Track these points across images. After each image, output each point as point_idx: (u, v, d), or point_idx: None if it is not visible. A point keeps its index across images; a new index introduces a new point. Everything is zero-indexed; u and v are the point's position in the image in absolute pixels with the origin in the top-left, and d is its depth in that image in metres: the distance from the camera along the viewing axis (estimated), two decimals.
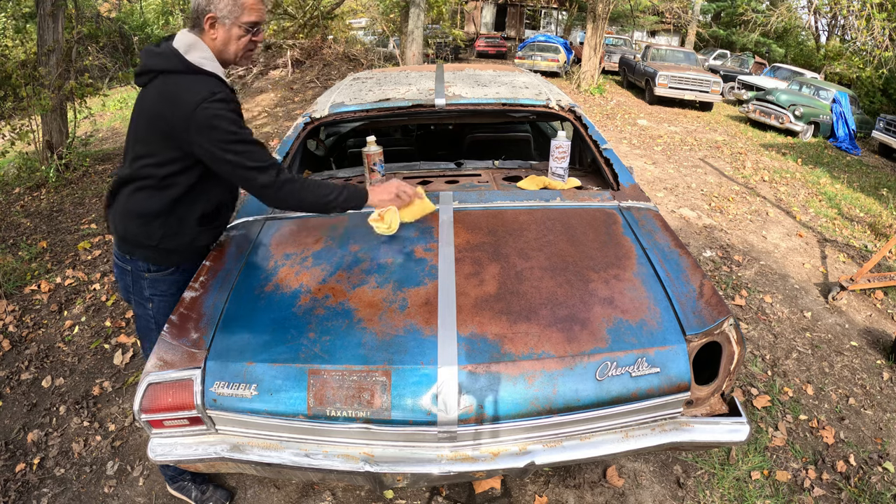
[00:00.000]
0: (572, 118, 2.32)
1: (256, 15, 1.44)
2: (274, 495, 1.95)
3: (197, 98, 1.32)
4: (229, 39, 1.42)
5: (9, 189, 5.22)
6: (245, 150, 1.37)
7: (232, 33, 1.42)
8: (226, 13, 1.39)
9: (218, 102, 1.34)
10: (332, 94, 2.49)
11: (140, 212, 1.45)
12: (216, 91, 1.35)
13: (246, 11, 1.41)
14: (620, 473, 2.06)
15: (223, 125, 1.34)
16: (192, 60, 1.38)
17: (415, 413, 1.25)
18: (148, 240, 1.47)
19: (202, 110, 1.31)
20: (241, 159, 1.37)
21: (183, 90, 1.34)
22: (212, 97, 1.33)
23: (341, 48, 12.10)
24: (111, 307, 3.10)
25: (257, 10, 1.44)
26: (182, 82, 1.35)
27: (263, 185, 1.41)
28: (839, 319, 3.37)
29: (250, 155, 1.38)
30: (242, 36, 1.43)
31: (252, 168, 1.38)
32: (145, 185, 1.43)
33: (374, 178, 2.00)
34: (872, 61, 10.15)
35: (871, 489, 2.11)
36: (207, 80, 1.38)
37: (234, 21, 1.40)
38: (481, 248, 1.61)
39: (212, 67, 1.40)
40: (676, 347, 1.33)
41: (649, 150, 7.29)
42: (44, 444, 2.19)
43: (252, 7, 1.42)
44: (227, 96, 1.38)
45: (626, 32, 21.17)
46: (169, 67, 1.37)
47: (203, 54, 1.40)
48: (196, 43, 1.40)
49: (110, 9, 16.65)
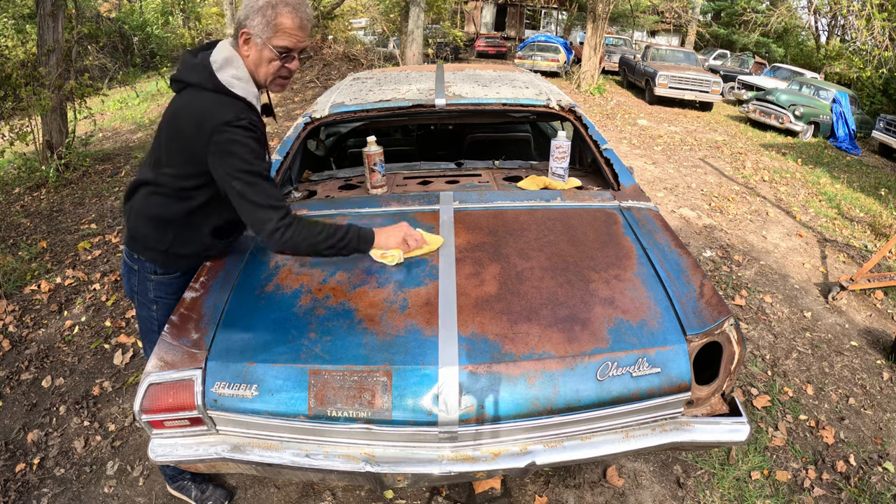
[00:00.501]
0: (572, 118, 2.32)
1: (290, 41, 1.33)
2: (274, 495, 1.95)
3: (219, 121, 1.28)
4: (260, 61, 1.35)
5: (9, 189, 5.21)
6: (254, 183, 1.31)
7: (263, 55, 1.34)
8: (258, 31, 1.31)
9: (238, 128, 1.29)
10: (332, 94, 2.49)
11: (154, 216, 1.44)
12: (241, 116, 1.30)
13: (279, 34, 1.32)
14: (620, 473, 2.06)
15: (239, 151, 1.29)
16: (222, 79, 1.32)
17: (416, 413, 1.25)
18: (158, 244, 1.47)
19: (221, 133, 1.28)
20: (248, 190, 1.31)
21: (207, 110, 1.30)
22: (235, 121, 1.29)
23: (341, 48, 12.10)
24: (111, 307, 3.10)
25: (292, 35, 1.33)
26: (208, 101, 1.31)
27: (265, 223, 1.33)
28: (839, 319, 3.37)
29: (259, 189, 1.32)
30: (273, 60, 1.34)
31: (257, 203, 1.32)
32: (163, 192, 1.42)
33: (374, 179, 2.00)
34: (872, 61, 10.15)
35: (871, 489, 2.12)
36: (234, 103, 1.32)
37: (265, 42, 1.32)
38: (482, 248, 1.61)
39: (242, 89, 1.34)
40: (677, 347, 1.33)
41: (649, 150, 7.29)
42: (44, 444, 2.19)
43: (286, 31, 1.32)
44: (250, 123, 1.32)
45: (626, 32, 21.18)
46: (199, 82, 1.33)
47: (236, 72, 1.34)
48: (232, 58, 1.34)
49: (110, 9, 16.64)
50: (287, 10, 1.30)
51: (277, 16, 1.29)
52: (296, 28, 1.33)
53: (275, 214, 1.33)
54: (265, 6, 1.29)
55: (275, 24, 1.30)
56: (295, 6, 1.31)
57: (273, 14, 1.29)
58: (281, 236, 1.34)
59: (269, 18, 1.30)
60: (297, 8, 1.32)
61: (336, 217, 1.81)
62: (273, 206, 1.33)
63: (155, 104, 10.17)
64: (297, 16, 1.32)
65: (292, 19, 1.31)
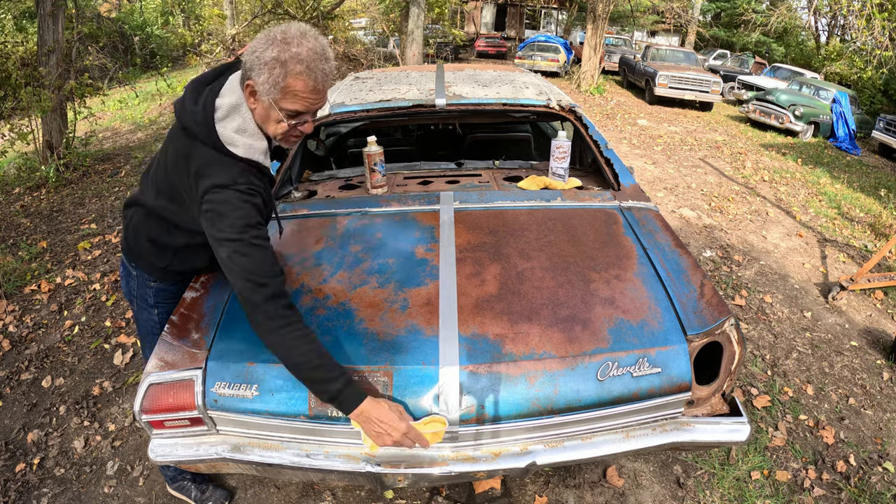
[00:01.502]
0: (573, 118, 2.32)
1: (303, 104, 1.13)
2: (274, 495, 1.95)
3: (213, 183, 1.14)
4: (267, 119, 1.17)
5: (9, 189, 5.21)
6: (241, 252, 1.12)
7: (270, 114, 1.16)
8: (264, 90, 1.11)
9: (234, 191, 1.14)
10: (333, 94, 2.49)
11: (153, 239, 1.39)
12: (238, 181, 1.15)
13: (288, 97, 1.11)
14: (620, 473, 2.06)
15: (230, 216, 1.13)
16: (223, 136, 1.15)
17: (416, 413, 1.25)
18: (157, 261, 1.44)
19: (213, 194, 1.14)
20: (233, 260, 1.12)
21: (203, 167, 1.16)
22: (231, 185, 1.14)
23: (341, 48, 12.10)
24: (111, 307, 3.10)
25: (304, 98, 1.12)
26: (206, 158, 1.16)
27: (248, 301, 1.13)
28: (839, 319, 3.37)
29: (247, 260, 1.12)
30: (281, 121, 1.16)
31: (242, 277, 1.12)
32: (162, 220, 1.34)
33: (374, 179, 2.00)
34: (873, 61, 10.15)
35: (871, 489, 2.11)
36: (233, 164, 1.16)
37: (272, 101, 1.13)
38: (482, 248, 1.61)
39: (245, 148, 1.17)
40: (677, 347, 1.33)
41: (649, 150, 7.29)
42: (44, 444, 2.19)
43: (297, 94, 1.11)
44: (248, 188, 1.16)
45: (626, 32, 21.19)
46: (196, 134, 1.16)
47: (241, 124, 1.17)
48: (239, 106, 1.17)
49: (110, 9, 16.64)
50: (299, 69, 1.08)
51: (287, 76, 1.08)
52: (308, 91, 1.11)
53: (260, 293, 1.12)
54: (273, 63, 1.08)
55: (283, 85, 1.10)
56: (309, 65, 1.09)
57: (282, 74, 1.08)
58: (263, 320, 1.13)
59: (277, 78, 1.09)
60: (311, 67, 1.09)
61: (336, 217, 1.82)
62: (260, 283, 1.12)
63: (155, 104, 10.17)
64: (310, 77, 1.10)
65: (304, 81, 1.10)
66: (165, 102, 9.71)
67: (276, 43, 1.08)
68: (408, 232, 1.71)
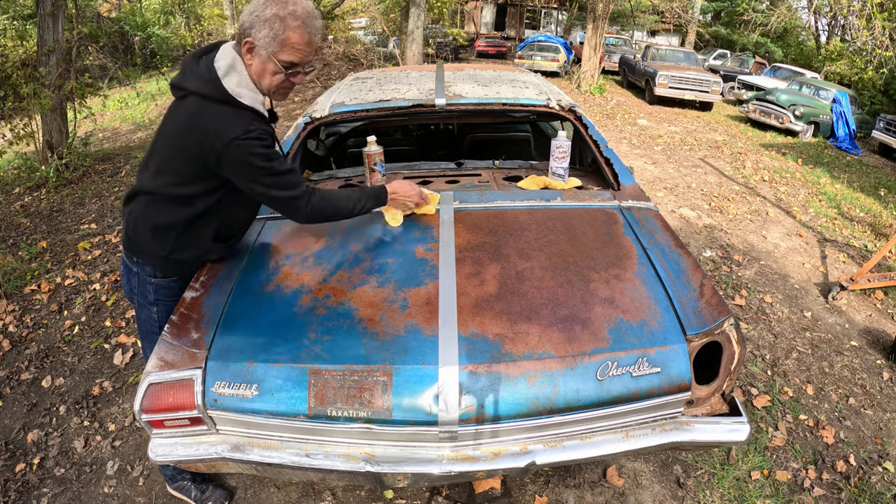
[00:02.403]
0: (572, 118, 2.32)
1: (297, 55, 1.29)
2: (274, 495, 1.95)
3: (230, 135, 1.26)
4: (263, 72, 1.31)
5: (9, 189, 5.22)
6: (275, 182, 1.36)
7: (267, 67, 1.30)
8: (263, 44, 1.27)
9: (250, 140, 1.28)
10: (333, 94, 2.49)
11: (156, 224, 1.42)
12: (250, 129, 1.28)
13: (286, 49, 1.27)
14: (620, 473, 2.06)
15: (255, 161, 1.30)
16: (229, 89, 1.28)
17: (416, 413, 1.25)
18: (159, 250, 1.46)
19: (234, 147, 1.27)
20: (271, 191, 1.37)
21: (216, 122, 1.27)
22: (245, 135, 1.27)
23: (341, 48, 12.11)
24: (111, 307, 3.10)
25: (299, 50, 1.29)
26: (216, 113, 1.28)
27: (295, 209, 1.43)
28: (839, 319, 3.37)
29: (282, 184, 1.37)
30: (277, 73, 1.31)
31: (282, 198, 1.40)
32: (164, 200, 1.40)
33: (374, 179, 2.00)
34: (873, 61, 10.15)
35: (871, 489, 2.11)
36: (243, 114, 1.30)
37: (270, 55, 1.28)
38: (482, 248, 1.61)
39: (249, 98, 1.31)
40: (677, 347, 1.33)
41: (649, 150, 7.29)
42: (44, 444, 2.19)
43: (294, 45, 1.28)
44: (260, 133, 1.31)
45: (626, 32, 21.20)
46: (203, 91, 1.28)
47: (241, 79, 1.31)
48: (236, 64, 1.31)
49: (110, 9, 16.64)
50: (296, 24, 1.25)
51: (286, 30, 1.25)
52: (304, 44, 1.28)
53: (300, 200, 1.41)
54: (273, 18, 1.24)
55: (282, 38, 1.25)
56: (305, 20, 1.26)
57: (281, 28, 1.24)
58: (310, 212, 1.45)
59: (277, 32, 1.25)
60: (306, 22, 1.26)
61: None
62: (295, 195, 1.40)
63: (155, 104, 10.17)
64: (306, 31, 1.27)
65: (301, 35, 1.27)
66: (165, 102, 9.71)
67: (275, 1, 1.25)
68: (408, 232, 1.71)
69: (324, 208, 1.48)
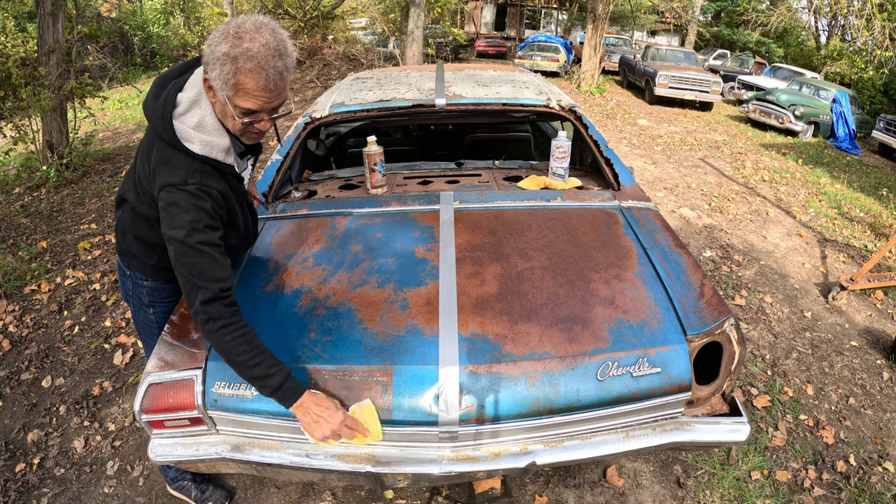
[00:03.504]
0: (573, 118, 2.32)
1: (254, 103, 1.09)
2: (274, 495, 1.95)
3: (165, 181, 1.14)
4: (225, 114, 1.16)
5: (9, 189, 5.21)
6: (185, 254, 1.12)
7: (227, 110, 1.13)
8: (217, 86, 1.09)
9: (183, 192, 1.13)
10: (333, 94, 2.49)
11: (138, 236, 1.39)
12: (189, 180, 1.13)
13: (240, 95, 1.08)
14: (620, 473, 2.06)
15: (178, 217, 1.12)
16: (179, 132, 1.14)
17: (416, 413, 1.25)
18: (147, 259, 1.44)
19: (166, 193, 1.14)
20: (179, 261, 1.14)
21: (159, 164, 1.16)
22: (181, 185, 1.13)
23: (341, 48, 12.10)
24: (111, 307, 3.10)
25: (255, 97, 1.08)
26: (162, 154, 1.16)
27: (189, 302, 1.15)
28: (839, 319, 3.37)
29: (190, 263, 1.13)
30: (236, 118, 1.13)
31: (184, 277, 1.14)
32: (143, 217, 1.33)
33: (374, 179, 2.00)
34: (873, 61, 10.15)
35: (871, 489, 2.11)
36: (187, 162, 1.15)
37: (226, 98, 1.10)
38: (482, 248, 1.61)
39: (201, 146, 1.15)
40: (677, 347, 1.33)
41: (649, 150, 7.29)
42: (44, 444, 2.19)
43: (248, 92, 1.07)
44: (199, 188, 1.14)
45: (626, 32, 21.18)
46: (156, 130, 1.16)
47: (201, 119, 1.16)
48: (200, 101, 1.16)
49: (110, 9, 16.65)
50: (249, 66, 1.04)
51: (237, 73, 1.05)
52: (259, 89, 1.07)
53: (197, 296, 1.13)
54: (223, 59, 1.04)
55: (234, 82, 1.06)
56: (260, 62, 1.04)
57: (232, 71, 1.04)
58: (201, 323, 1.15)
59: (227, 75, 1.05)
60: (262, 65, 1.04)
61: (336, 217, 1.82)
62: (198, 285, 1.13)
63: None
64: (261, 75, 1.05)
65: (255, 79, 1.05)
66: None
67: (228, 38, 1.04)
68: (408, 232, 1.71)
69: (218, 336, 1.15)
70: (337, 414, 1.19)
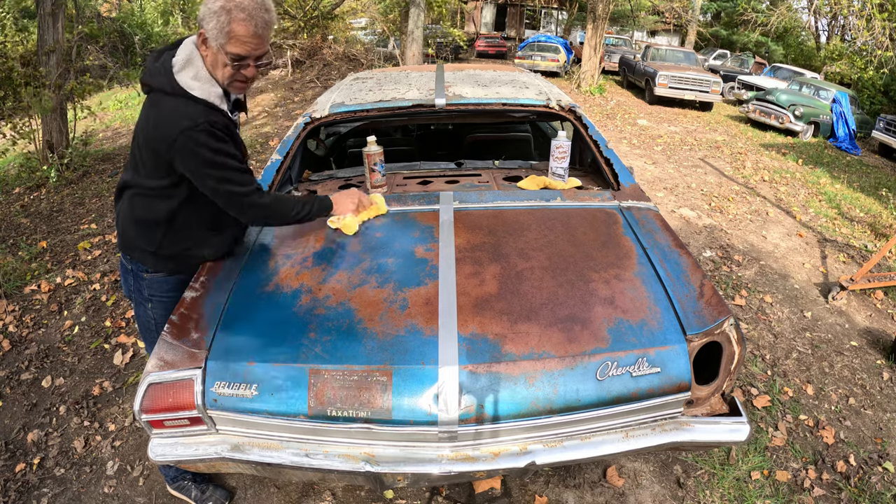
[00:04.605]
0: (572, 118, 2.32)
1: (243, 48, 1.30)
2: (274, 495, 1.95)
3: (178, 127, 1.28)
4: (216, 63, 1.34)
5: (9, 189, 5.21)
6: (221, 176, 1.36)
7: (218, 58, 1.32)
8: (212, 35, 1.29)
9: (199, 132, 1.30)
10: (333, 94, 2.49)
11: (139, 217, 1.45)
12: (199, 121, 1.30)
13: (232, 41, 1.29)
14: (620, 473, 2.06)
15: (201, 153, 1.31)
16: (181, 81, 1.31)
17: (415, 413, 1.25)
18: (147, 245, 1.47)
19: (183, 138, 1.29)
20: (218, 184, 1.37)
21: (166, 115, 1.31)
22: (194, 127, 1.29)
23: (341, 48, 12.10)
24: (111, 307, 3.10)
25: (245, 42, 1.30)
26: (167, 106, 1.31)
27: (242, 206, 1.44)
28: (839, 319, 3.37)
29: (231, 178, 1.38)
30: (227, 65, 1.33)
31: (228, 192, 1.39)
32: (144, 193, 1.43)
33: (374, 179, 2.00)
34: (873, 61, 10.15)
35: (871, 489, 2.11)
36: (193, 107, 1.31)
37: (219, 46, 1.30)
38: (482, 248, 1.61)
39: (201, 91, 1.33)
40: (677, 347, 1.33)
41: (649, 150, 7.29)
42: (44, 444, 2.19)
43: (239, 38, 1.28)
44: (210, 126, 1.32)
45: (626, 32, 21.18)
46: (160, 86, 1.32)
47: (196, 72, 1.33)
48: (193, 58, 1.34)
49: (110, 9, 16.64)
50: (241, 16, 1.26)
51: (231, 22, 1.26)
52: (249, 36, 1.29)
53: (247, 198, 1.42)
54: (219, 11, 1.26)
55: (228, 30, 1.27)
56: (251, 13, 1.27)
57: (227, 20, 1.26)
58: (255, 212, 1.47)
59: (223, 24, 1.26)
60: (252, 15, 1.27)
61: None
62: (243, 192, 1.41)
63: None
64: (251, 23, 1.27)
65: (246, 27, 1.27)
66: None
67: None
68: (407, 232, 1.71)
69: (269, 209, 1.49)
70: (354, 194, 1.75)
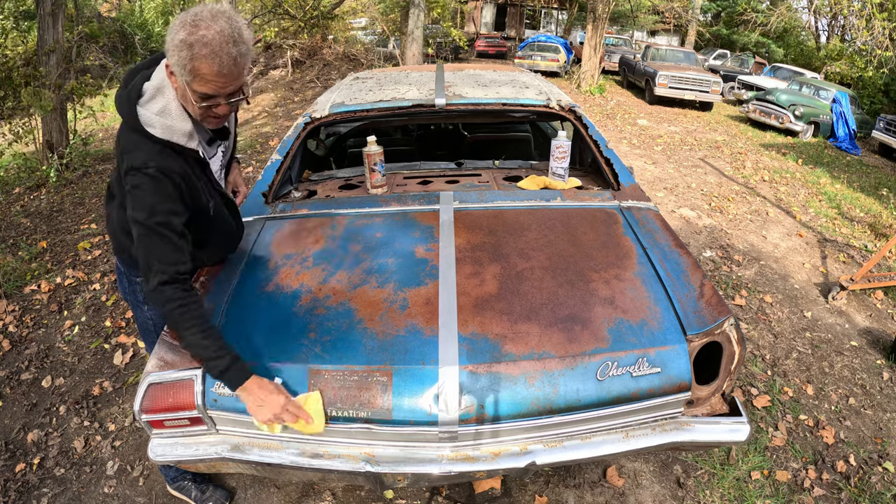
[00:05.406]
0: (572, 118, 2.32)
1: (209, 87, 1.13)
2: (274, 495, 1.95)
3: (128, 163, 1.18)
4: (186, 98, 1.18)
5: (9, 189, 5.21)
6: (145, 236, 1.18)
7: (186, 95, 1.17)
8: (177, 71, 1.13)
9: (143, 176, 1.16)
10: (333, 94, 2.49)
11: (125, 229, 1.36)
12: (149, 164, 1.17)
13: (196, 80, 1.12)
14: (620, 473, 2.06)
15: (139, 199, 1.18)
16: (142, 117, 1.18)
17: (416, 413, 1.25)
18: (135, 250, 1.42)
19: (129, 176, 1.18)
20: (139, 242, 1.20)
21: (122, 147, 1.21)
22: (143, 168, 1.16)
23: (341, 48, 12.10)
24: (111, 307, 3.10)
25: (210, 82, 1.12)
26: (125, 139, 1.21)
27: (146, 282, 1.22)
28: (839, 319, 3.37)
29: (149, 244, 1.19)
30: (196, 102, 1.17)
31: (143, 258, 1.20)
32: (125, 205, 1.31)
33: (374, 179, 2.00)
34: (873, 61, 10.15)
35: (871, 489, 2.11)
36: (150, 146, 1.18)
37: (185, 84, 1.14)
38: (482, 248, 1.61)
39: (163, 130, 1.18)
40: (677, 347, 1.33)
41: (649, 150, 7.29)
42: (44, 444, 2.19)
43: (203, 77, 1.11)
44: (160, 172, 1.17)
45: (626, 32, 21.18)
46: (124, 117, 1.21)
47: (164, 105, 1.19)
48: (164, 87, 1.20)
49: (110, 9, 16.65)
50: (204, 52, 1.08)
51: (192, 59, 1.08)
52: (214, 75, 1.11)
53: (155, 278, 1.19)
54: (180, 45, 1.08)
55: (190, 68, 1.10)
56: (215, 49, 1.08)
57: (188, 56, 1.08)
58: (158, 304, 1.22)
59: (184, 61, 1.09)
60: (217, 51, 1.08)
61: (336, 217, 1.82)
62: (156, 268, 1.19)
63: None
64: (215, 61, 1.09)
65: (210, 65, 1.09)
66: None
67: (185, 25, 1.09)
68: (407, 232, 1.71)
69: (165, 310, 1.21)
70: (279, 398, 1.21)
